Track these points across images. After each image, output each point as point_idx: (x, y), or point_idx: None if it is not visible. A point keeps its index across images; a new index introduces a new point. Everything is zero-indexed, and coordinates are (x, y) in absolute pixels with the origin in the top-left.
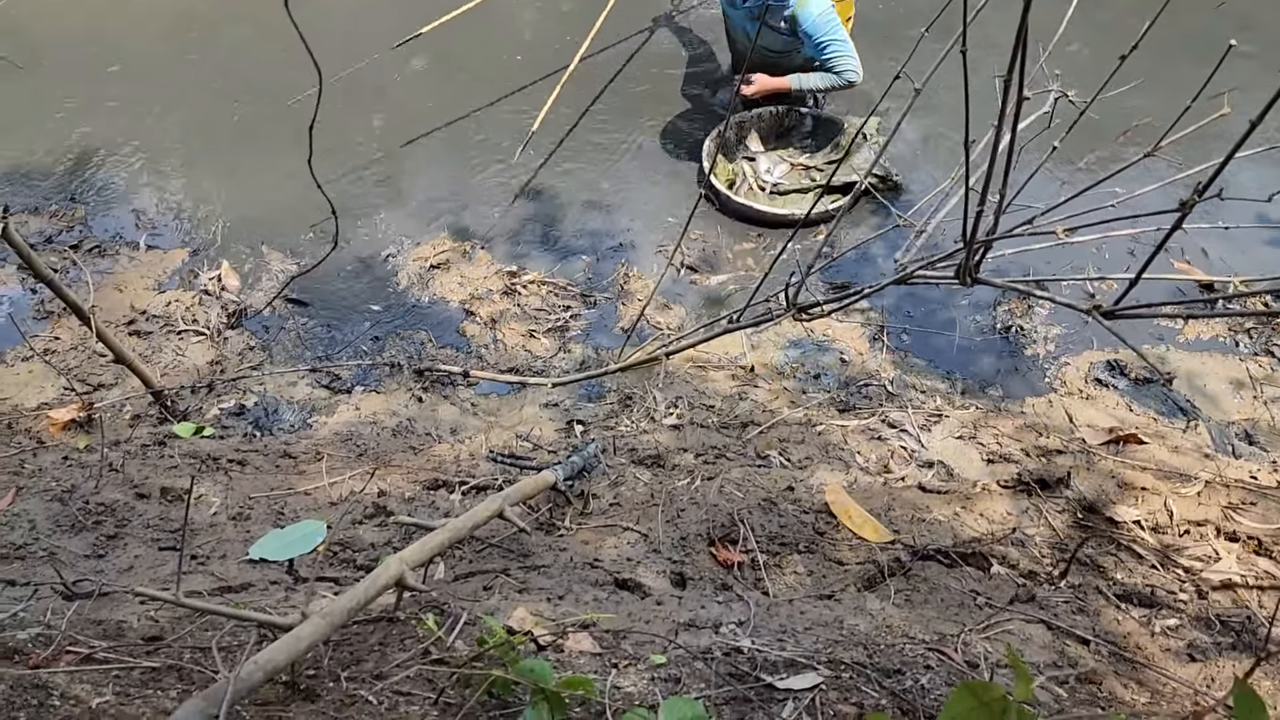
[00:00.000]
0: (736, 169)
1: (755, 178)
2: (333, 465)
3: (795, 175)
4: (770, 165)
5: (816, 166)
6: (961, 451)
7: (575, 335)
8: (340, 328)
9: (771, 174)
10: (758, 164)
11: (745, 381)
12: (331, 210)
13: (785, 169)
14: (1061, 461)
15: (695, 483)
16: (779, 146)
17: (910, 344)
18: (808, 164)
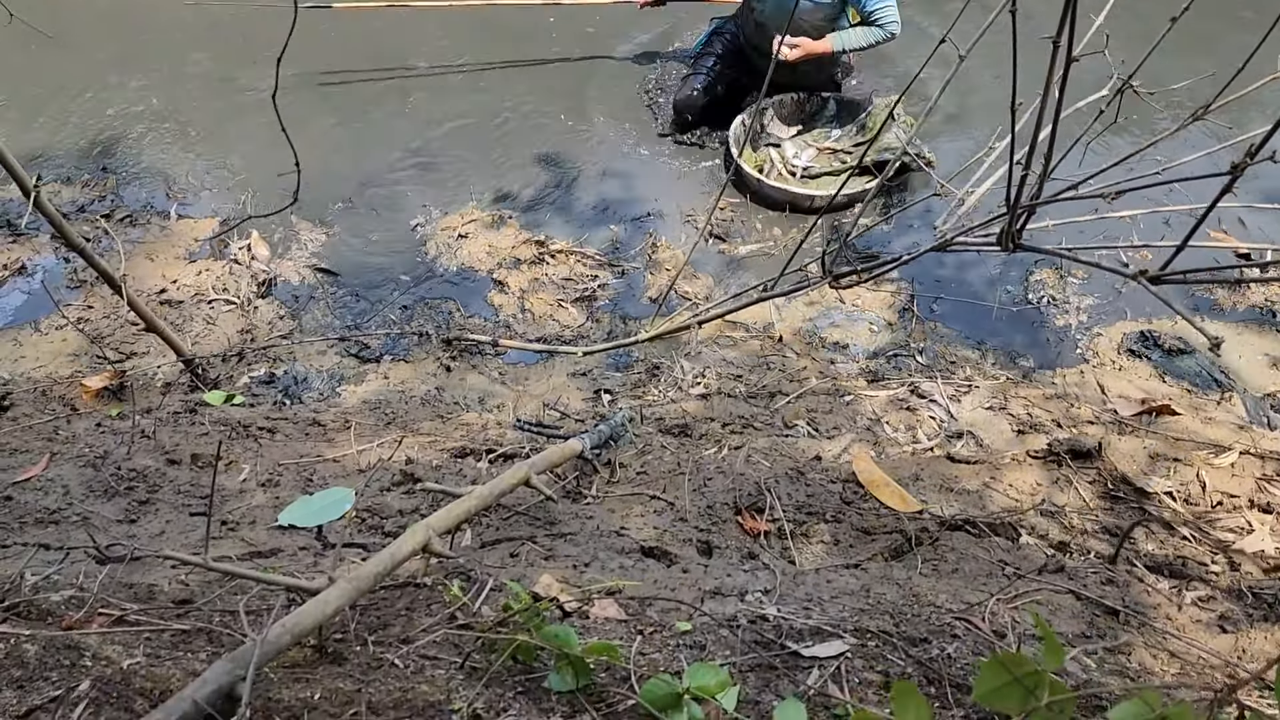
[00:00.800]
0: (763, 156)
1: (784, 163)
2: (361, 433)
3: (824, 159)
4: (797, 150)
5: (844, 150)
6: (991, 422)
7: (603, 305)
8: (369, 297)
9: (800, 158)
10: (784, 150)
11: (773, 351)
12: (296, 163)
13: (813, 154)
14: (1093, 432)
15: (722, 452)
16: (803, 132)
17: (941, 314)
18: (835, 147)
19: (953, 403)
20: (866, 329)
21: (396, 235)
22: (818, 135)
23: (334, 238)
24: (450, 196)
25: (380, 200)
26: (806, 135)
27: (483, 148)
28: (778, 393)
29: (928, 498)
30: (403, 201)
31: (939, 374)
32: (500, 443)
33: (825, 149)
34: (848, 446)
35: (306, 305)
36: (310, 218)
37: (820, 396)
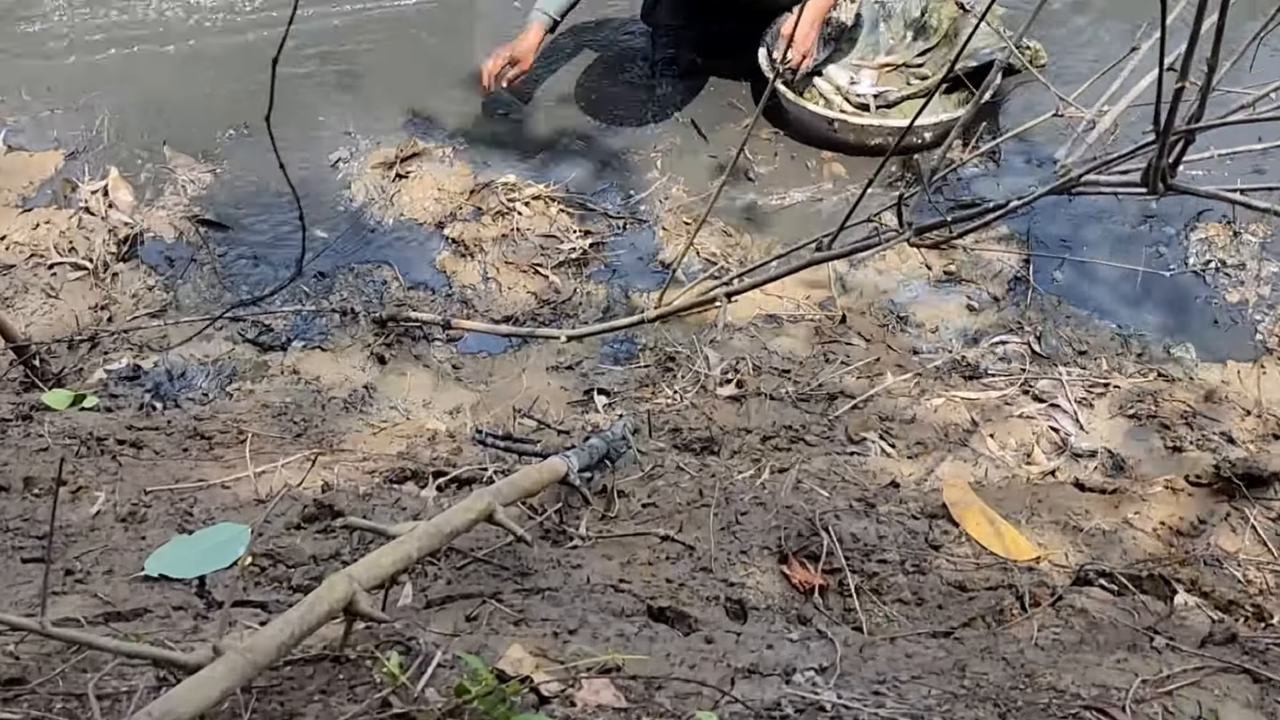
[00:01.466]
0: (809, 94)
1: (842, 94)
2: (260, 449)
3: (892, 78)
4: (851, 76)
5: (910, 64)
6: (1135, 435)
7: (597, 271)
8: (272, 260)
9: (861, 84)
10: (832, 77)
11: (833, 336)
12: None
13: (873, 75)
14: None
15: (761, 476)
16: (839, 54)
17: (1066, 285)
18: (895, 62)
19: (1082, 408)
20: (963, 305)
21: (310, 174)
22: (863, 50)
23: (223, 177)
24: (385, 121)
25: (287, 125)
26: (850, 55)
27: (431, 52)
28: (839, 394)
29: (1046, 540)
30: (318, 127)
31: (1063, 369)
32: (454, 462)
33: (883, 66)
34: (936, 469)
35: (185, 272)
36: (189, 149)
37: (898, 399)
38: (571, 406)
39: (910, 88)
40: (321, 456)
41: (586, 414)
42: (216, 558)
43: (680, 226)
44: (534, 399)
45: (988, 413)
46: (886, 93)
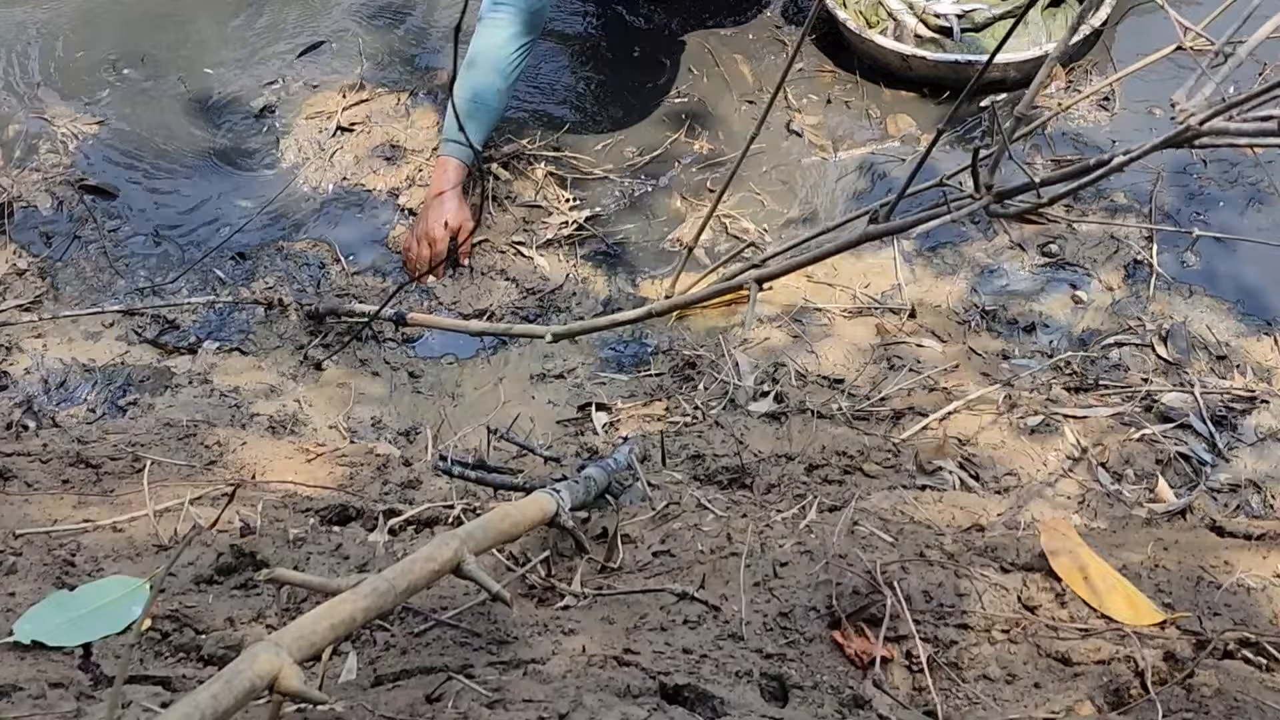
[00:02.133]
0: (871, 10)
1: (917, 13)
2: (162, 480)
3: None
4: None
5: None
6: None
7: (595, 252)
8: (176, 237)
9: (940, 1)
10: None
11: (900, 336)
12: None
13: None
14: None
15: (807, 516)
16: None
17: (1201, 270)
18: None
19: (1221, 430)
20: (1067, 297)
21: (226, 125)
22: None
23: (112, 130)
24: (322, 57)
25: (196, 62)
26: None
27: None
28: (907, 411)
29: (1174, 599)
30: (236, 65)
31: (1197, 378)
32: (410, 498)
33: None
34: (1031, 507)
35: (66, 252)
36: (70, 95)
37: (983, 418)
38: (563, 426)
39: (1003, 4)
40: (241, 490)
41: (582, 436)
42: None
43: (703, 193)
44: (514, 416)
45: (1099, 435)
46: (974, 11)
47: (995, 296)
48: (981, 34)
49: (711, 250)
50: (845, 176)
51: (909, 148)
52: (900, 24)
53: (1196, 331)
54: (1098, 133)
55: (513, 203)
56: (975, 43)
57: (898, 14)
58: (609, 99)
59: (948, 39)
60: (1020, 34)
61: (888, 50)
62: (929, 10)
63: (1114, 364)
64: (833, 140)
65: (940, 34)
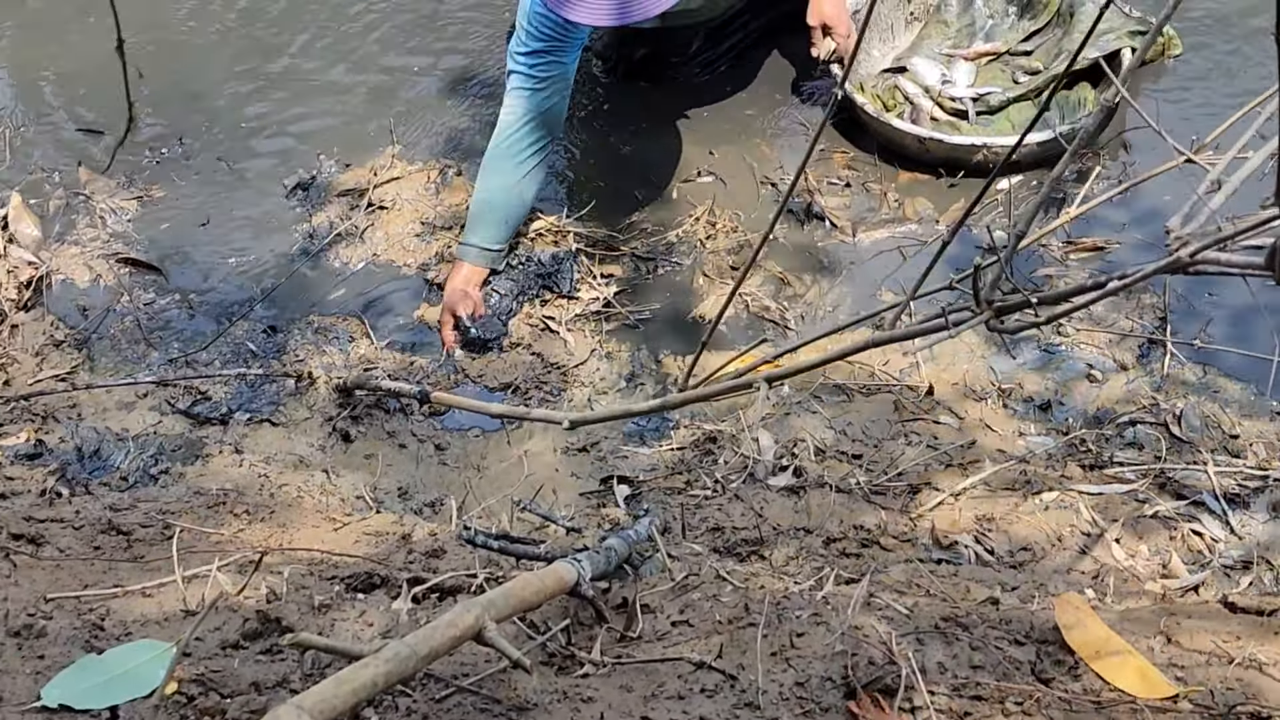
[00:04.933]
0: (888, 94)
1: (933, 96)
2: (191, 547)
3: (993, 74)
4: (943, 72)
5: (1017, 51)
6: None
7: (621, 328)
8: (210, 311)
9: (957, 83)
10: (919, 74)
11: (917, 412)
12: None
13: (970, 70)
14: None
15: (824, 588)
16: (930, 39)
17: (1214, 354)
18: (998, 50)
19: (1234, 508)
20: (1082, 375)
21: (261, 202)
22: (956, 36)
23: (151, 207)
24: (354, 136)
25: (233, 142)
26: (941, 43)
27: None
28: (924, 486)
29: (1186, 674)
30: (270, 142)
31: (1210, 456)
32: (434, 567)
33: (982, 55)
34: (1046, 582)
35: (102, 324)
36: (110, 171)
37: (999, 494)
38: (585, 498)
39: (1018, 86)
40: (267, 557)
41: (603, 508)
42: (132, 684)
43: (725, 271)
44: (537, 488)
45: (1113, 512)
46: (989, 94)
47: (1012, 374)
48: (996, 116)
49: (735, 325)
50: (866, 258)
51: (926, 229)
52: (917, 107)
53: (1209, 411)
54: (1111, 211)
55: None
56: (990, 124)
57: (914, 98)
58: (633, 178)
59: (963, 121)
60: (1033, 114)
61: (905, 133)
62: (945, 94)
63: (1128, 442)
64: (852, 223)
65: (956, 116)
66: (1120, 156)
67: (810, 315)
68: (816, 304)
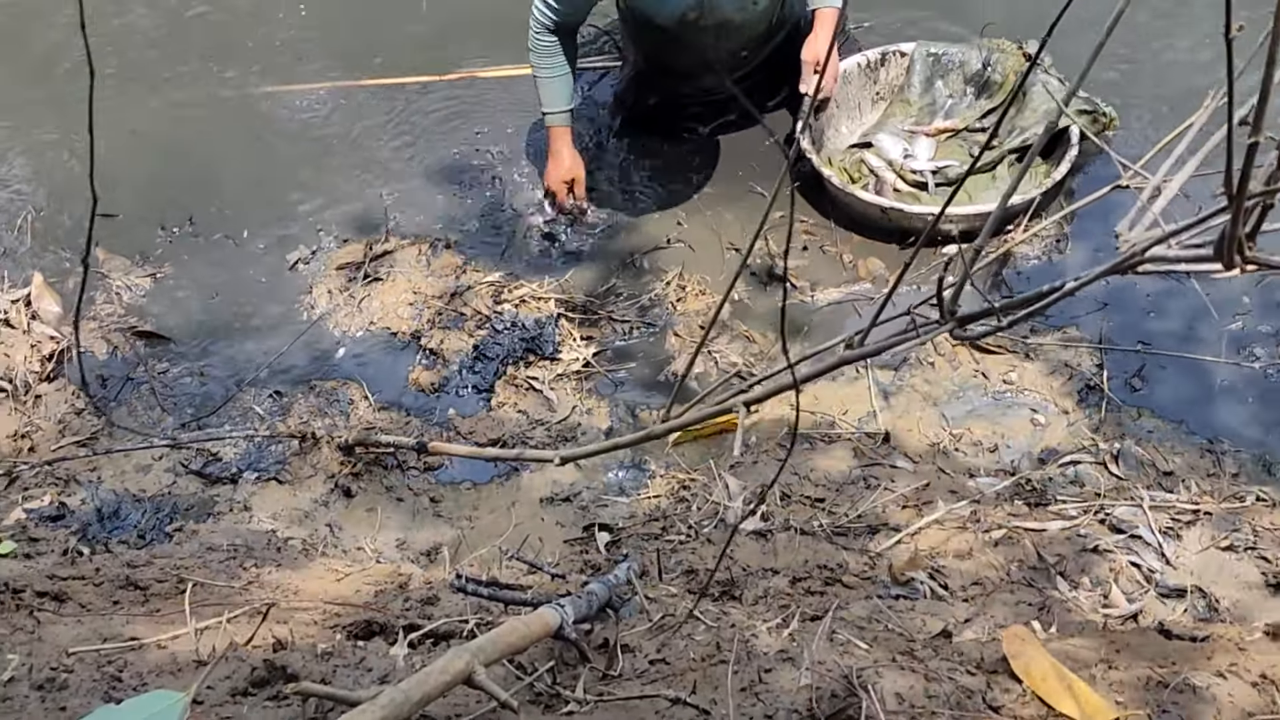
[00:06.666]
0: (854, 167)
1: (896, 169)
2: (204, 600)
3: (952, 149)
4: (905, 147)
5: (973, 128)
6: (1230, 570)
7: (600, 386)
8: (220, 378)
9: (917, 157)
10: (883, 149)
11: (875, 458)
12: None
13: (930, 145)
14: None
15: (790, 626)
16: (894, 116)
17: (1147, 394)
18: (956, 126)
19: (1168, 539)
20: (1027, 421)
21: (264, 277)
22: (919, 113)
23: (164, 283)
24: (350, 214)
25: (238, 221)
26: (899, 118)
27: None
28: (882, 527)
29: (1126, 698)
30: (272, 222)
31: (1145, 492)
32: (429, 614)
33: (942, 132)
34: (996, 614)
35: (120, 392)
36: (126, 251)
37: (952, 532)
38: (569, 545)
39: (969, 161)
40: (275, 608)
41: (586, 554)
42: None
43: (696, 332)
44: (524, 537)
45: (1057, 547)
46: (947, 167)
47: (961, 420)
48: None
49: (705, 381)
50: (824, 315)
51: (879, 288)
52: (881, 180)
53: (1144, 450)
54: (1051, 270)
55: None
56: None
57: (879, 171)
58: (609, 247)
59: (923, 192)
60: (989, 186)
61: (869, 204)
62: (907, 167)
63: (1070, 480)
64: (811, 283)
65: (917, 188)
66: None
67: (773, 368)
68: (779, 358)
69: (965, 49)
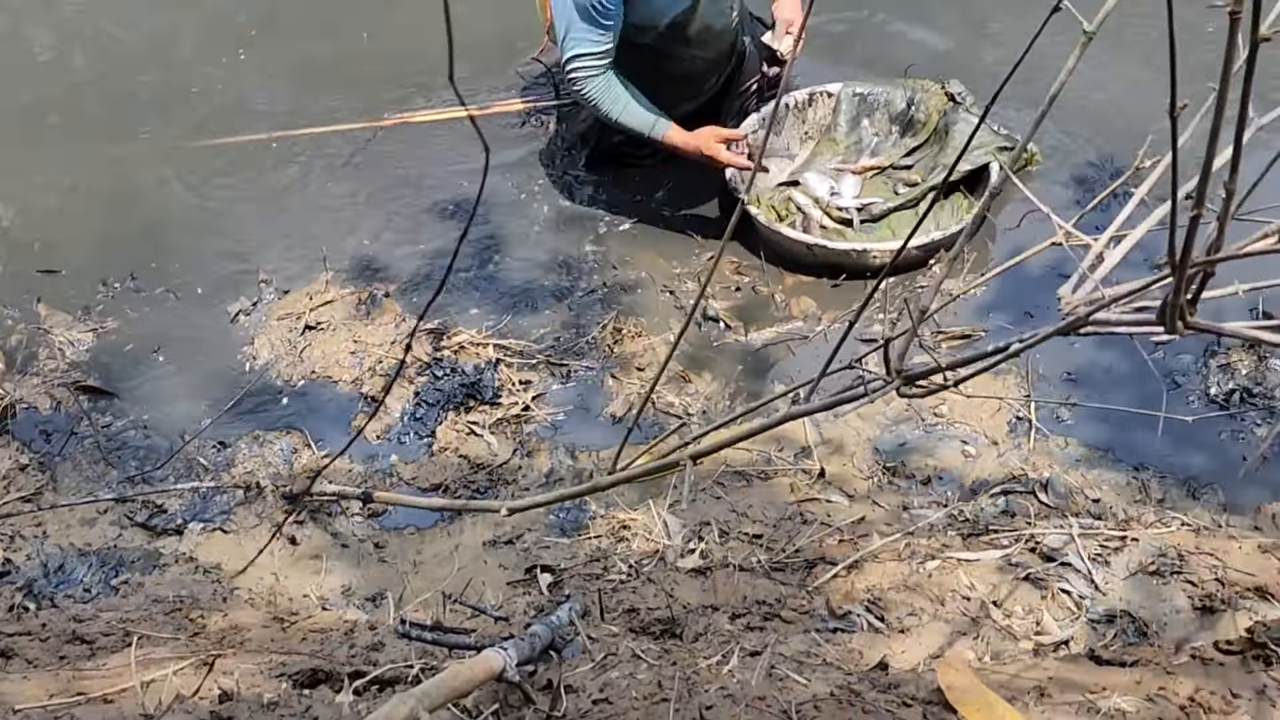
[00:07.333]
0: (782, 205)
1: (823, 206)
2: (150, 653)
3: (877, 186)
4: (832, 185)
5: (898, 165)
6: (1158, 594)
7: (540, 430)
8: (163, 430)
9: (843, 195)
10: (810, 187)
11: (811, 493)
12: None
13: (855, 183)
14: None
15: (730, 662)
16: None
17: (1074, 424)
18: (882, 164)
19: (1097, 566)
20: (958, 453)
21: (206, 329)
22: (845, 152)
23: (106, 338)
24: (290, 264)
25: (180, 274)
26: (826, 156)
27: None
28: (819, 561)
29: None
30: (214, 274)
31: (1075, 520)
32: (374, 660)
33: (867, 170)
34: (931, 644)
35: (64, 447)
36: (67, 306)
37: (887, 565)
38: (512, 587)
39: (898, 197)
40: (221, 659)
41: (529, 595)
42: None
43: (632, 373)
44: (468, 581)
45: (990, 576)
46: (871, 204)
47: (895, 454)
48: (879, 224)
49: (643, 421)
50: (758, 354)
51: (810, 325)
52: (808, 217)
53: (1072, 479)
54: (979, 309)
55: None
56: (873, 231)
57: (806, 208)
58: (544, 293)
59: (849, 229)
60: (912, 222)
61: (796, 241)
62: (833, 205)
63: (1002, 510)
64: (744, 323)
65: (842, 225)
66: (986, 254)
67: (710, 408)
68: (715, 398)
69: (890, 89)
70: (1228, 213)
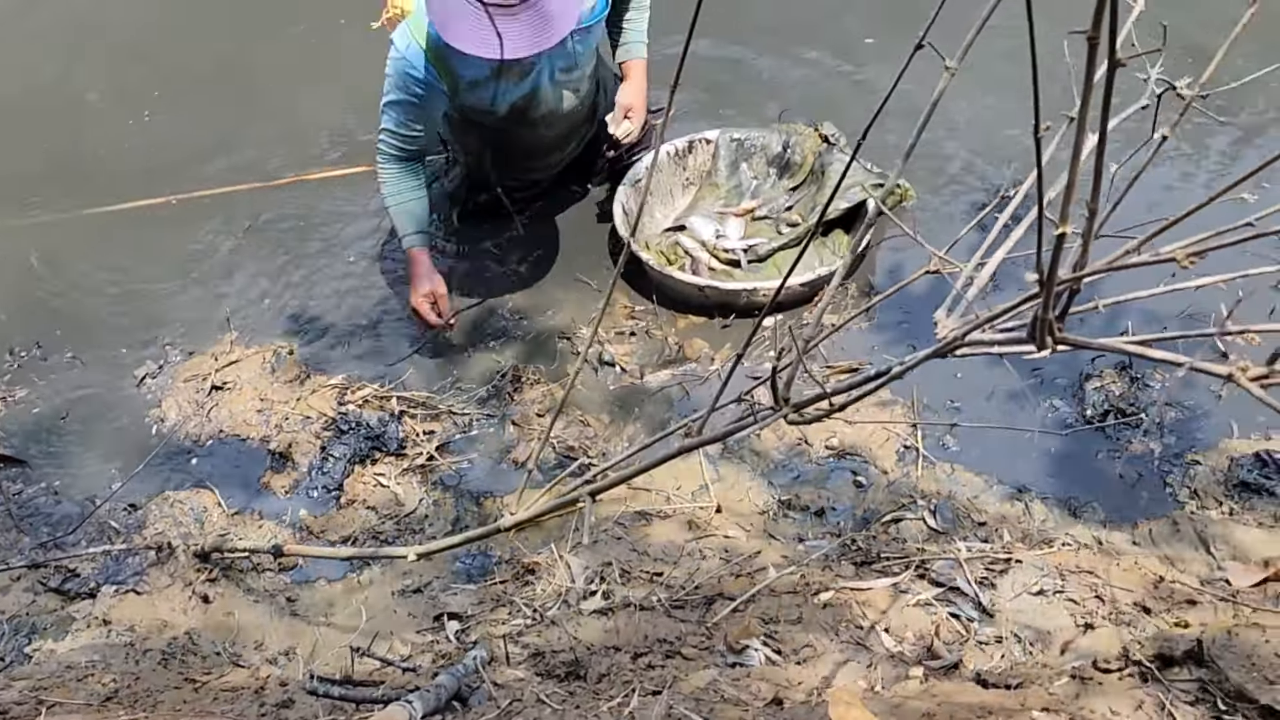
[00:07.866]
0: (670, 250)
1: (710, 248)
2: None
3: (760, 228)
4: (717, 227)
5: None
6: (1043, 614)
7: (444, 477)
8: (74, 495)
9: (729, 237)
10: (696, 230)
11: (709, 529)
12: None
13: (739, 224)
14: (1195, 619)
15: (632, 703)
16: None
17: (959, 450)
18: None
19: (984, 589)
20: (849, 482)
21: (113, 393)
22: (727, 196)
23: (14, 406)
24: (194, 327)
25: (85, 341)
26: (708, 200)
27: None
28: (717, 597)
29: None
30: (118, 339)
31: (962, 544)
32: (284, 718)
33: (749, 212)
34: (825, 676)
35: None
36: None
37: (783, 597)
38: (421, 635)
39: (781, 237)
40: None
41: (438, 644)
42: None
43: (532, 420)
44: (375, 633)
45: (881, 603)
46: (757, 245)
47: (789, 487)
48: (765, 263)
49: (545, 464)
50: (654, 396)
51: (705, 367)
52: (696, 260)
53: (958, 503)
54: (861, 339)
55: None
56: (760, 270)
57: (693, 251)
58: (444, 345)
59: (736, 269)
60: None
61: (686, 283)
62: (719, 246)
63: (893, 538)
64: (640, 366)
65: (730, 265)
66: (870, 287)
67: (609, 450)
68: (614, 439)
69: (766, 133)
70: (1090, 231)
